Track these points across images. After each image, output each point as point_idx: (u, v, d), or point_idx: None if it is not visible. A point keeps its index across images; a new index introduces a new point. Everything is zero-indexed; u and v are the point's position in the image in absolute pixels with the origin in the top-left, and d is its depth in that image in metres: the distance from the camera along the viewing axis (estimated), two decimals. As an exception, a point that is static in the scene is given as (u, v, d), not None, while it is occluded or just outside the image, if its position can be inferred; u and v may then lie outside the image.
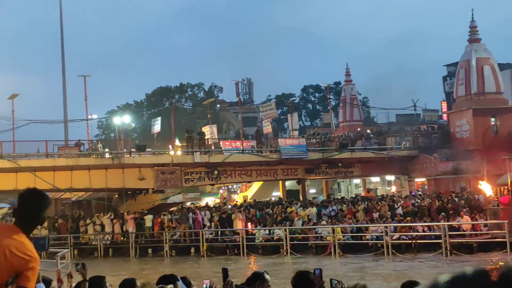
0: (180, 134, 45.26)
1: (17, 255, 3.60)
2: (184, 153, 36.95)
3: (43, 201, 3.88)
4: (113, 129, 69.76)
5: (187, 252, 30.34)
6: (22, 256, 3.60)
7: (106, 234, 32.77)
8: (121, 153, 36.06)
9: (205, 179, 36.79)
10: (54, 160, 33.48)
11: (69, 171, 33.22)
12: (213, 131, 41.70)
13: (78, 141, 37.59)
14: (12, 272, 3.63)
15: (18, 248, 3.65)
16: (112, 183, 34.20)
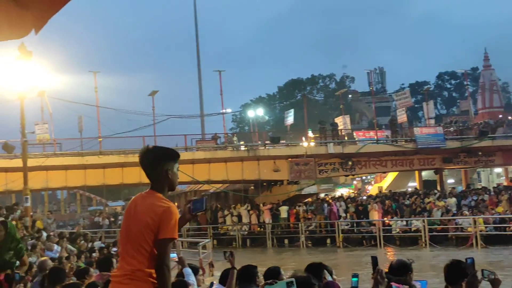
0: (313, 125, 45.37)
1: (148, 213, 3.95)
2: (317, 144, 36.96)
3: (146, 154, 4.16)
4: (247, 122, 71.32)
5: (323, 243, 30.35)
6: (154, 211, 3.93)
7: (243, 225, 33.49)
8: (256, 146, 36.70)
9: (339, 170, 36.61)
10: (193, 154, 34.68)
11: (207, 163, 34.27)
12: (346, 122, 41.34)
13: (214, 135, 38.70)
14: (151, 229, 3.90)
15: (149, 207, 3.97)
16: (248, 175, 34.91)
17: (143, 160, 4.14)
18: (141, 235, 3.94)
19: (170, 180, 4.12)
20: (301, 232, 30.49)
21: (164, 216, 3.93)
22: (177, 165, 4.19)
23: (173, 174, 4.14)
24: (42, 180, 31.52)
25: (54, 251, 15.49)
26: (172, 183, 4.15)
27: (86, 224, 42.10)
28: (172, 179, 4.13)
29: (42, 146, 33.95)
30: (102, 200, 60.38)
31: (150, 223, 3.93)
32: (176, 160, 4.20)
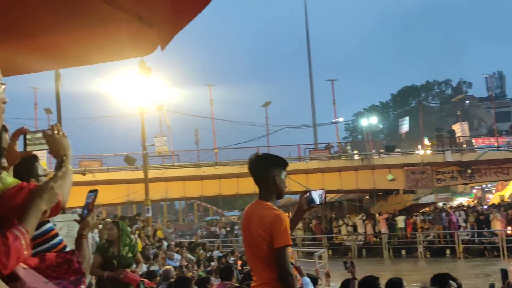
0: (428, 133, 44.23)
1: (259, 226, 3.97)
2: (434, 152, 36.01)
3: (254, 161, 4.20)
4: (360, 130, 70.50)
5: (442, 253, 29.40)
6: (263, 222, 3.94)
7: (359, 234, 33.09)
8: (370, 154, 36.25)
9: (457, 178, 35.44)
10: (306, 163, 34.76)
11: (320, 173, 34.20)
12: (464, 129, 39.97)
13: (328, 144, 38.61)
14: (265, 240, 3.89)
15: (259, 219, 3.99)
16: (362, 184, 34.51)
17: (251, 166, 4.20)
18: (260, 248, 3.99)
19: (278, 187, 4.13)
20: (418, 242, 29.71)
21: (274, 225, 3.94)
22: (284, 172, 4.19)
23: (280, 181, 4.14)
24: (161, 191, 32.64)
25: (174, 260, 15.98)
26: (280, 190, 4.16)
27: (204, 234, 43.11)
28: (279, 186, 4.14)
29: (161, 158, 35.17)
30: (219, 210, 61.68)
31: (263, 235, 3.96)
32: (284, 168, 4.20)
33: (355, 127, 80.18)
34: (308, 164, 34.63)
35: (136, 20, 3.48)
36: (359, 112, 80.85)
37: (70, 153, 2.64)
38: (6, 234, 2.15)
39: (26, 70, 4.49)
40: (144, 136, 24.72)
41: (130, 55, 4.40)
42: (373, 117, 56.40)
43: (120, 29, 3.65)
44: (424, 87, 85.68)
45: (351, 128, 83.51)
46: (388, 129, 75.32)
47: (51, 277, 2.42)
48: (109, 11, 3.44)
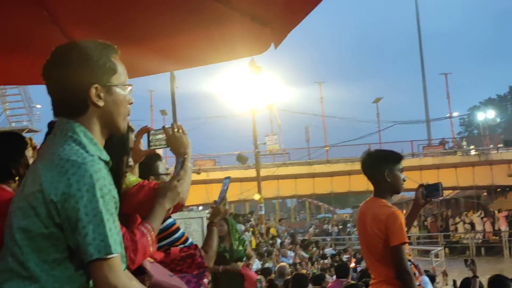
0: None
1: (374, 224, 3.95)
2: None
3: (365, 159, 4.19)
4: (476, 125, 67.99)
5: None
6: (378, 220, 3.91)
7: (477, 232, 31.91)
8: (488, 150, 34.89)
9: None
10: (419, 160, 33.98)
11: (435, 169, 33.32)
12: None
13: (442, 140, 37.53)
14: (380, 238, 3.86)
15: (373, 218, 3.96)
16: (480, 181, 33.30)
17: (363, 165, 4.18)
18: (375, 246, 3.96)
19: (390, 183, 4.05)
20: (542, 241, 28.28)
21: (389, 223, 3.88)
22: (398, 167, 4.09)
23: (393, 177, 4.05)
24: (273, 189, 32.95)
25: (288, 257, 16.07)
26: (393, 186, 4.07)
27: (316, 232, 43.10)
28: (392, 182, 4.05)
29: (273, 156, 35.47)
30: (330, 208, 61.40)
31: (378, 233, 3.92)
32: (396, 163, 4.10)
33: (470, 122, 77.36)
34: (422, 161, 33.83)
35: (249, 19, 3.53)
36: (475, 106, 77.98)
37: (190, 151, 2.71)
38: (134, 231, 2.24)
39: (145, 72, 4.67)
40: (256, 135, 25.06)
41: (244, 54, 4.47)
42: (490, 111, 54.26)
43: (234, 29, 3.72)
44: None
45: (466, 122, 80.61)
46: (507, 123, 72.14)
47: (175, 271, 2.50)
48: (224, 11, 3.52)
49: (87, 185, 1.80)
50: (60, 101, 2.00)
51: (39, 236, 1.82)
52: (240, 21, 3.57)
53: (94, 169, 1.83)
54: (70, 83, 1.95)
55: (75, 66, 1.96)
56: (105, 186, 1.84)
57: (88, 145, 1.93)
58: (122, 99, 2.04)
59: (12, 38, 3.86)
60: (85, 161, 1.84)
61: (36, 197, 1.82)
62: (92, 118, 1.99)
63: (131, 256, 2.17)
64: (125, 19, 3.66)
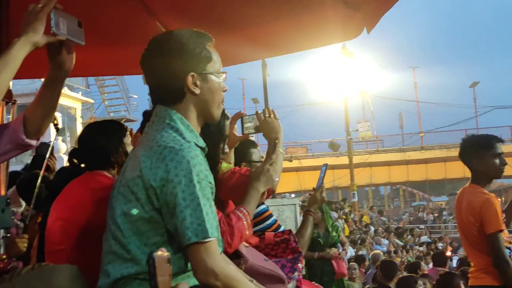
0: None
1: (469, 211, 3.89)
2: None
3: (461, 145, 4.10)
4: None
5: None
6: (472, 207, 3.84)
7: None
8: None
9: None
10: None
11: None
12: None
13: (544, 124, 35.93)
14: (475, 225, 3.80)
15: (468, 205, 3.90)
16: None
17: (459, 151, 4.08)
18: (471, 234, 3.88)
19: (482, 171, 3.92)
20: None
21: (483, 211, 3.78)
22: (492, 152, 3.93)
23: (485, 164, 3.92)
24: (366, 176, 32.62)
25: (382, 245, 15.89)
26: (487, 173, 3.93)
27: (410, 220, 42.30)
28: (484, 169, 3.92)
29: (365, 143, 35.06)
30: (425, 195, 60.05)
31: (472, 221, 3.84)
32: (489, 149, 3.94)
33: None
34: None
35: (341, 4, 3.49)
36: None
37: (281, 136, 2.72)
38: (230, 215, 2.28)
39: (238, 60, 4.73)
40: (348, 122, 24.84)
41: (336, 40, 4.44)
42: None
43: (326, 14, 3.69)
44: None
45: None
46: None
47: (270, 255, 2.53)
48: (316, -3, 3.50)
49: (184, 170, 1.84)
50: (158, 89, 2.06)
51: (140, 220, 1.88)
52: (332, 6, 3.55)
53: (191, 155, 1.87)
54: (167, 71, 2.01)
55: (172, 55, 2.01)
56: (202, 172, 1.88)
57: (185, 131, 1.97)
58: (217, 86, 2.08)
59: (110, 30, 3.99)
60: (182, 147, 1.89)
61: (136, 183, 1.88)
62: (188, 105, 2.03)
63: (228, 240, 2.21)
64: (219, 8, 3.71)
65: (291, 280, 2.48)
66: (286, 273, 2.47)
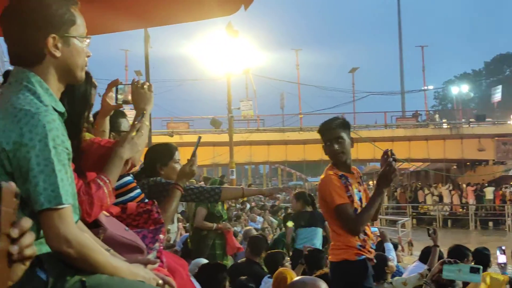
0: (523, 102, 42.55)
1: (318, 189, 4.22)
2: (528, 123, 34.68)
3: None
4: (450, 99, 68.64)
5: (532, 227, 28.42)
6: (319, 189, 4.12)
7: (445, 205, 32.42)
8: (460, 124, 35.30)
9: (553, 150, 34.04)
10: (392, 131, 34.26)
11: (407, 141, 33.63)
12: (562, 98, 38.23)
13: (415, 112, 37.83)
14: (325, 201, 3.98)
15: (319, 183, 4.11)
16: (450, 154, 33.72)
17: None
18: (325, 213, 4.11)
19: (327, 153, 4.11)
20: (507, 215, 28.76)
21: (321, 187, 4.01)
22: (327, 137, 4.11)
23: (326, 149, 4.10)
24: (246, 154, 32.99)
25: (257, 222, 16.18)
26: (329, 155, 4.10)
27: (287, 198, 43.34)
28: (327, 153, 4.11)
29: (247, 122, 35.47)
30: (302, 175, 61.78)
31: (322, 200, 4.03)
32: (326, 136, 4.11)
33: (444, 96, 78.00)
34: (394, 132, 34.12)
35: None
36: (450, 80, 78.60)
37: (149, 108, 2.68)
38: (90, 184, 2.23)
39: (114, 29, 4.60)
40: (230, 100, 24.96)
41: (214, 14, 4.43)
42: (464, 85, 54.73)
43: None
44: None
45: (441, 96, 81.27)
46: (480, 98, 72.86)
47: (131, 226, 2.51)
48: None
49: (39, 135, 1.78)
50: (17, 49, 1.98)
51: (-9, 183, 1.81)
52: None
53: (47, 119, 1.81)
54: (27, 31, 1.93)
55: (33, 15, 1.93)
56: (58, 137, 1.82)
57: (43, 95, 1.91)
58: (80, 51, 2.02)
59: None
60: (38, 111, 1.82)
61: None
62: (48, 68, 1.96)
63: (87, 209, 2.16)
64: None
65: (152, 250, 2.48)
66: (147, 243, 2.46)
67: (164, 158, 3.87)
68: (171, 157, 3.86)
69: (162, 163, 3.84)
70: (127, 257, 2.19)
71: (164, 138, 26.70)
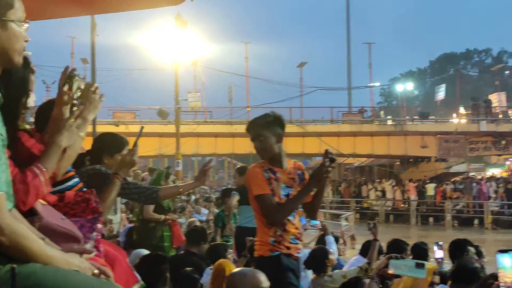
0: (465, 102, 43.57)
1: None
2: (469, 121, 35.55)
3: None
4: (395, 96, 69.78)
5: (470, 223, 29.23)
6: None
7: (387, 200, 33.03)
8: (404, 121, 35.93)
9: (491, 149, 35.00)
10: (338, 126, 34.64)
11: (352, 137, 34.07)
12: (501, 99, 39.31)
13: (361, 108, 38.35)
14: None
15: None
16: (394, 150, 34.32)
17: None
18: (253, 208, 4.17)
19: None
20: (447, 211, 29.52)
21: (248, 179, 4.13)
22: (251, 135, 4.27)
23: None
24: (193, 146, 32.83)
25: (201, 214, 16.17)
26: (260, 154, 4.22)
27: (233, 191, 43.33)
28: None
29: (194, 113, 35.31)
30: (249, 168, 61.88)
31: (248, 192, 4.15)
32: (248, 132, 4.28)
33: (390, 93, 79.33)
34: (340, 127, 34.50)
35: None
36: (396, 77, 79.97)
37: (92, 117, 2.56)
38: (26, 172, 2.18)
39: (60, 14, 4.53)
40: (178, 91, 24.78)
41: (162, 3, 4.41)
42: (409, 83, 55.76)
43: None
44: (464, 55, 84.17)
45: (386, 93, 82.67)
46: (424, 96, 74.49)
47: (69, 215, 2.46)
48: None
49: (-29, 119, 1.74)
50: None
51: None
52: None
53: (-20, 104, 1.77)
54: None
55: None
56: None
57: (-24, 79, 1.86)
58: (17, 35, 1.98)
59: None
60: (-30, 94, 1.78)
61: None
62: (-17, 51, 1.92)
63: (22, 198, 2.12)
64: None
65: (89, 240, 2.44)
66: (85, 232, 2.43)
67: (111, 149, 3.81)
68: (119, 150, 3.80)
69: (109, 153, 3.78)
70: (63, 246, 2.15)
71: (109, 128, 26.35)
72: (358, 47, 50.92)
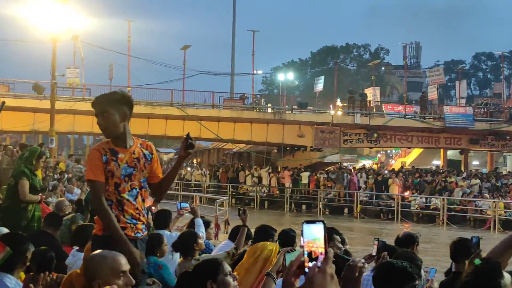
0: (342, 94, 45.09)
1: None
2: (344, 114, 36.76)
3: None
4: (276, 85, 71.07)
5: (340, 212, 30.37)
6: None
7: (263, 186, 33.60)
8: (283, 109, 36.61)
9: (363, 141, 36.41)
10: (219, 111, 34.78)
11: (232, 122, 34.32)
12: (376, 94, 41.02)
13: (242, 95, 38.69)
14: None
15: None
16: (272, 138, 34.93)
17: None
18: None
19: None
20: (319, 199, 30.50)
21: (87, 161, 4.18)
22: (95, 111, 4.27)
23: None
24: (69, 123, 31.78)
25: (74, 194, 15.74)
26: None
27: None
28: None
29: (72, 90, 34.20)
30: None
31: None
32: (93, 108, 4.26)
33: (272, 81, 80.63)
34: (221, 112, 34.65)
35: None
36: (278, 66, 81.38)
37: None
38: None
39: None
40: (55, 65, 23.98)
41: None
42: (290, 73, 56.94)
43: None
44: (344, 49, 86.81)
45: (268, 81, 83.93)
46: (304, 86, 76.17)
47: None
48: None
49: None
50: None
51: None
52: None
53: None
54: None
55: None
56: None
57: None
58: None
59: None
60: None
61: None
62: None
63: None
64: None
65: None
66: None
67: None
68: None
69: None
70: None
71: (-21, 100, 24.97)
72: (243, 34, 51.12)
